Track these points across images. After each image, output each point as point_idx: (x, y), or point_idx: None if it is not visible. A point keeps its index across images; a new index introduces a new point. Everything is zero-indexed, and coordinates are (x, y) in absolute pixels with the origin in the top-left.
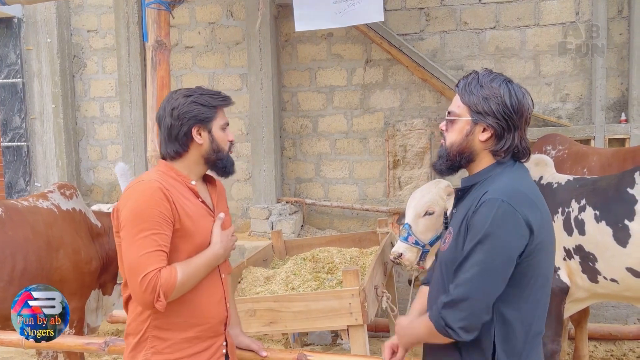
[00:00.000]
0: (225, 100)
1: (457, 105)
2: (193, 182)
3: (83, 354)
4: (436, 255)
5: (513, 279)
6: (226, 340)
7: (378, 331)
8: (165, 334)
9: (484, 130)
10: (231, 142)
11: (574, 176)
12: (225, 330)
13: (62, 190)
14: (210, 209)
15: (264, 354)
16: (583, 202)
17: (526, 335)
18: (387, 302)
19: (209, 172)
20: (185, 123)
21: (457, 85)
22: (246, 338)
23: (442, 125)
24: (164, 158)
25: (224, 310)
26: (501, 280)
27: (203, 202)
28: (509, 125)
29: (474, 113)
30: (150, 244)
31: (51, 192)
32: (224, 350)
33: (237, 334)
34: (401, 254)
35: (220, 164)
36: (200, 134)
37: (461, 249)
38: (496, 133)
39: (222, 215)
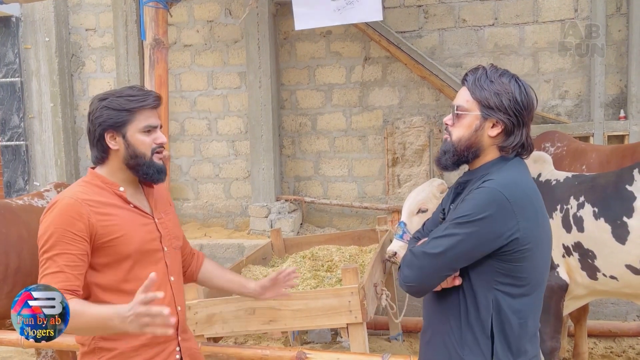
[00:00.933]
0: (145, 101)
1: (465, 99)
2: (121, 189)
3: (75, 354)
4: None
5: (509, 270)
6: (179, 345)
7: (377, 329)
8: (111, 344)
9: (494, 125)
10: (158, 145)
11: (573, 173)
12: (177, 335)
13: (58, 190)
14: (146, 213)
15: (282, 274)
16: (582, 199)
17: (521, 328)
18: (386, 299)
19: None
20: (97, 128)
21: (464, 80)
22: (263, 280)
23: (448, 119)
24: (93, 165)
25: (173, 315)
26: (463, 259)
27: (136, 207)
28: (519, 121)
29: (485, 108)
30: (51, 265)
31: (47, 191)
32: (178, 356)
33: (255, 284)
34: (395, 253)
35: (140, 170)
36: (114, 139)
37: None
38: (506, 129)
39: (152, 275)
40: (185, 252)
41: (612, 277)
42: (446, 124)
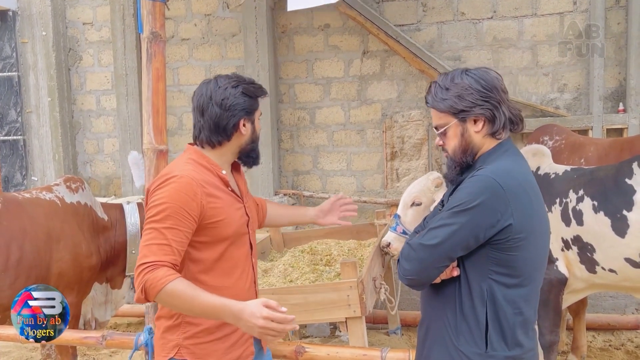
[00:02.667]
0: (264, 91)
1: (438, 117)
2: (224, 172)
3: (75, 349)
4: None
5: (503, 260)
6: None
7: (376, 323)
8: (197, 319)
9: (475, 121)
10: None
11: (572, 166)
12: None
13: (68, 184)
14: (239, 197)
15: (339, 194)
16: (581, 192)
17: (516, 319)
18: (385, 293)
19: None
20: (236, 115)
21: (427, 102)
22: (322, 205)
23: (438, 142)
24: (200, 145)
25: (253, 296)
26: (460, 248)
27: (232, 190)
28: (493, 104)
29: (458, 113)
30: (158, 236)
31: (57, 185)
32: None
33: (314, 210)
34: (389, 244)
35: (253, 154)
36: (245, 125)
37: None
38: (487, 117)
39: (284, 309)
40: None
41: (611, 270)
42: (439, 145)
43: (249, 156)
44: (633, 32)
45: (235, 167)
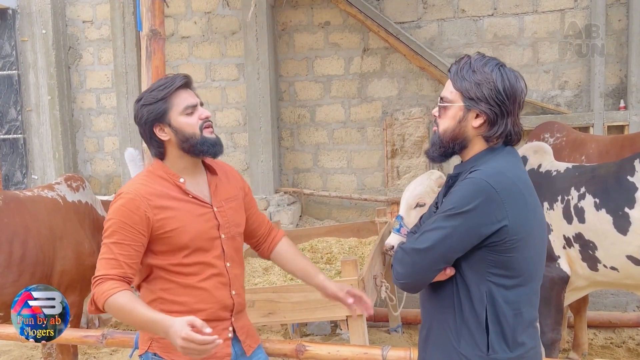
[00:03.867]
0: (173, 84)
1: (449, 91)
2: (181, 180)
3: (76, 347)
4: None
5: (500, 262)
6: (232, 325)
7: (377, 321)
8: (169, 315)
9: (477, 116)
10: (205, 120)
11: (573, 164)
12: (231, 316)
13: (69, 182)
14: (204, 202)
15: (350, 300)
16: (583, 189)
17: (516, 319)
18: (385, 291)
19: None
20: (145, 127)
21: (449, 70)
22: (332, 286)
23: (435, 111)
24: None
25: (227, 298)
26: (454, 251)
27: (195, 197)
28: (502, 111)
29: (467, 99)
30: (107, 252)
31: (58, 183)
32: (230, 335)
33: (322, 280)
34: (393, 247)
35: (196, 149)
36: (163, 131)
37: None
38: (489, 119)
39: (208, 330)
40: (260, 233)
41: (612, 268)
42: (434, 116)
43: (200, 150)
44: (634, 29)
45: (211, 171)
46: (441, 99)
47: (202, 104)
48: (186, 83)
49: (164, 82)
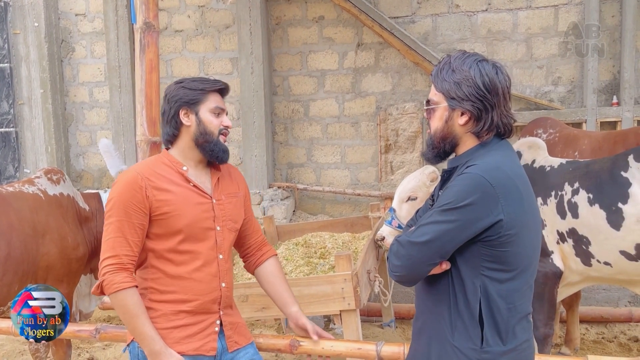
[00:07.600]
0: (216, 84)
1: (434, 93)
2: (185, 168)
3: (70, 341)
4: None
5: (495, 256)
6: (220, 319)
7: (371, 316)
8: (158, 305)
9: (462, 114)
10: (225, 127)
11: (567, 159)
12: (219, 309)
13: (49, 176)
14: (204, 193)
15: (315, 337)
16: (576, 185)
17: (510, 313)
18: (379, 286)
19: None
20: (173, 106)
21: (431, 74)
22: (304, 319)
23: (426, 114)
24: (166, 146)
25: (216, 290)
26: (450, 246)
27: (195, 186)
28: (485, 105)
29: (450, 99)
30: (114, 231)
31: (38, 177)
32: (217, 328)
33: (296, 311)
34: (384, 237)
35: (208, 148)
36: (187, 116)
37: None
38: (474, 115)
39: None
40: (250, 242)
41: (606, 263)
42: (427, 118)
43: (204, 150)
44: (627, 25)
45: (215, 167)
46: (427, 101)
47: (227, 113)
48: (225, 90)
49: (208, 79)
